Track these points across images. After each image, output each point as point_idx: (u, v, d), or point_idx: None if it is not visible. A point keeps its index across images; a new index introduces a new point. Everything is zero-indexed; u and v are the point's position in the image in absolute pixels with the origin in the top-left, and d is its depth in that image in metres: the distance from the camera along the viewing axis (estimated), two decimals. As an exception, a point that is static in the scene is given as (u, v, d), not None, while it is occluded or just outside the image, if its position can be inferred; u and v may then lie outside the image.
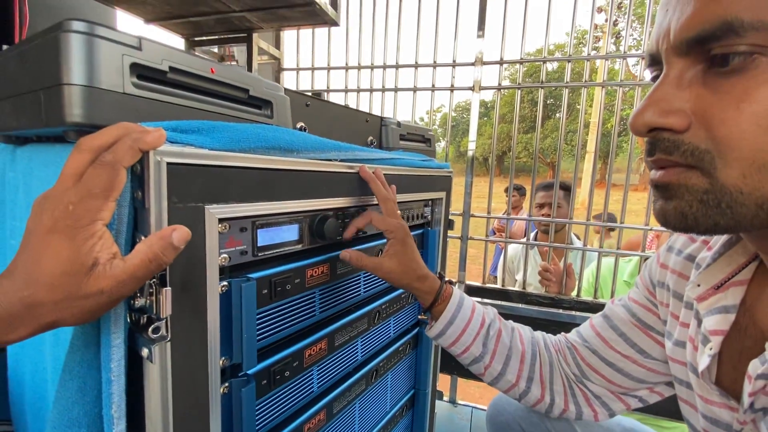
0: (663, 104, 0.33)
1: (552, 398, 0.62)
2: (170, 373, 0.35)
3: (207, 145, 0.36)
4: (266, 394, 0.48)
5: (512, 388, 0.62)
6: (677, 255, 0.51)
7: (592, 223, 1.28)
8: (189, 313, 0.36)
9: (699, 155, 0.32)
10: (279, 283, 0.48)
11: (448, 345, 0.62)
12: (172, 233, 0.30)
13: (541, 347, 0.64)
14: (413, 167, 0.73)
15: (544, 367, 0.63)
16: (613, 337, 0.58)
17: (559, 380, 0.62)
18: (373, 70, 1.47)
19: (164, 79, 0.36)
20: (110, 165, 0.29)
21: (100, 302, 0.29)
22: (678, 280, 0.50)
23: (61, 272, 0.28)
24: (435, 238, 0.84)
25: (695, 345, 0.44)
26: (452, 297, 0.62)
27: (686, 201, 0.33)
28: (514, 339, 0.63)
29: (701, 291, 0.43)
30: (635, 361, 0.56)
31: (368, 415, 0.72)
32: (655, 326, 0.55)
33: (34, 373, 0.50)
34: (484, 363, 0.62)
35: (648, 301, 0.56)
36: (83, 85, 0.30)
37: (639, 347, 0.56)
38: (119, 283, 0.29)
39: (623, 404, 0.61)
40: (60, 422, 0.35)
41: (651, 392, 0.59)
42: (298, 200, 0.47)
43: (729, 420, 0.40)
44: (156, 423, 0.35)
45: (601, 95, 1.27)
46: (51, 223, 0.28)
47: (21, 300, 0.28)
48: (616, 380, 0.58)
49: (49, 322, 0.29)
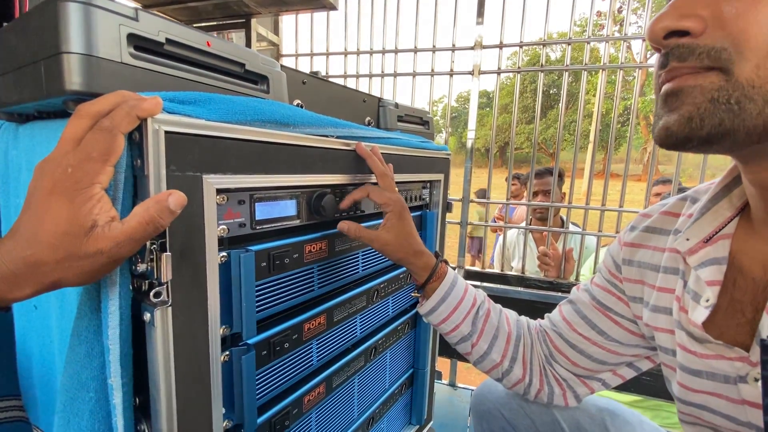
0: (682, 9, 0.35)
1: (530, 379, 0.64)
2: (172, 338, 0.36)
3: (204, 116, 0.36)
4: (266, 364, 0.49)
5: (496, 367, 0.64)
6: (643, 231, 0.54)
7: (590, 207, 1.29)
8: (189, 281, 0.37)
9: (716, 54, 0.33)
10: (277, 256, 0.49)
11: (438, 322, 0.63)
12: (168, 197, 0.31)
13: (525, 330, 0.66)
14: (411, 147, 0.73)
15: (526, 348, 0.65)
16: (576, 320, 0.60)
17: (537, 361, 0.65)
18: (372, 56, 1.47)
19: (161, 50, 0.37)
20: (108, 130, 0.30)
21: (99, 262, 0.30)
22: (653, 254, 0.52)
23: (62, 232, 0.29)
24: (433, 220, 0.84)
25: (682, 305, 0.45)
26: (446, 276, 0.63)
27: (695, 103, 0.34)
28: (501, 320, 0.65)
29: (691, 245, 0.44)
30: (595, 343, 0.58)
31: (367, 391, 0.73)
32: (614, 307, 0.57)
33: (41, 346, 0.52)
34: (472, 341, 0.63)
35: (609, 284, 0.58)
36: (81, 54, 0.31)
37: (599, 328, 0.58)
38: (117, 244, 0.30)
39: (587, 388, 0.63)
40: (71, 385, 0.36)
41: (614, 375, 0.62)
42: (294, 174, 0.47)
43: (729, 370, 0.40)
44: (159, 388, 0.36)
45: (601, 78, 1.26)
46: (51, 185, 0.29)
47: (24, 259, 0.29)
48: (579, 362, 0.61)
49: (52, 281, 0.30)
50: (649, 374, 1.22)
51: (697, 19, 0.34)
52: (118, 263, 0.32)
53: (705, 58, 0.34)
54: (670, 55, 0.36)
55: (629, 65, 1.20)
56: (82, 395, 0.36)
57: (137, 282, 0.36)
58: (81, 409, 0.36)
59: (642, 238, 0.54)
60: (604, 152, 13.14)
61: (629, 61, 1.22)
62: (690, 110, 0.34)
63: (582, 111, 1.30)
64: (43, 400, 0.52)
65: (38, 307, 0.50)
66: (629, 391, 1.23)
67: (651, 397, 1.22)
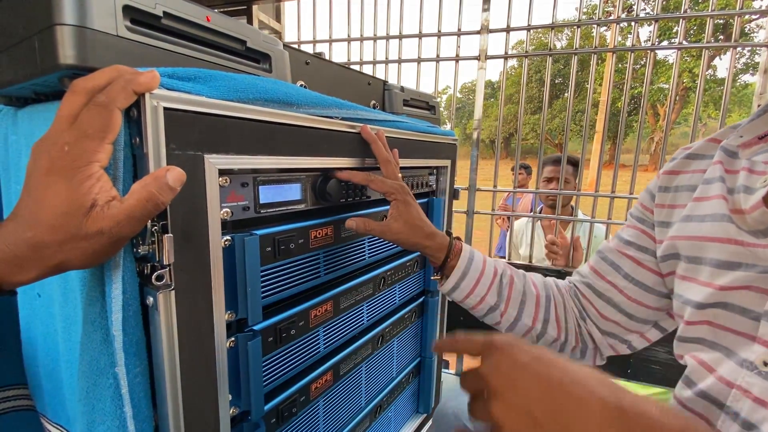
0: None
1: (566, 337, 0.63)
2: (176, 323, 0.35)
3: (205, 93, 0.35)
4: (273, 351, 0.48)
5: (529, 331, 0.63)
6: (684, 158, 0.53)
7: (600, 194, 1.26)
8: (193, 265, 0.36)
9: None
10: (282, 241, 0.48)
11: (462, 298, 0.62)
12: (167, 173, 0.30)
13: (554, 290, 0.65)
14: (418, 132, 0.72)
15: (558, 307, 0.63)
16: (604, 267, 0.59)
17: (571, 318, 0.63)
18: (376, 42, 1.44)
19: (158, 24, 0.35)
20: (104, 106, 0.29)
21: (101, 243, 0.29)
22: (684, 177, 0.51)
23: (61, 213, 0.28)
24: (440, 206, 0.83)
25: (729, 199, 0.43)
26: (463, 251, 0.62)
27: None
28: (527, 284, 0.64)
29: (745, 140, 0.44)
30: (621, 290, 0.57)
31: (375, 379, 0.72)
32: (638, 242, 0.55)
33: (45, 334, 0.51)
34: (500, 310, 0.62)
35: (638, 221, 0.57)
36: (75, 25, 0.30)
37: (624, 272, 0.57)
38: (118, 224, 0.29)
39: (612, 350, 0.62)
40: (90, 372, 0.36)
41: (641, 337, 0.60)
42: (298, 156, 0.46)
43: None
44: (164, 374, 0.35)
45: (611, 62, 1.23)
46: (48, 164, 0.28)
47: (26, 241, 0.28)
48: (608, 314, 0.59)
49: (55, 263, 0.29)
50: (659, 363, 1.21)
51: None
52: (120, 244, 0.31)
53: None
54: None
55: (640, 47, 1.16)
56: (102, 381, 0.36)
57: (140, 265, 0.35)
58: (102, 395, 0.36)
59: (682, 164, 0.52)
60: (610, 142, 13.00)
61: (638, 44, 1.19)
62: None
63: (591, 98, 1.26)
64: (49, 388, 0.51)
65: (42, 295, 0.50)
66: (639, 380, 1.22)
67: (662, 386, 1.20)
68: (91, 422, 0.36)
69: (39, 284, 0.50)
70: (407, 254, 0.78)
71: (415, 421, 0.89)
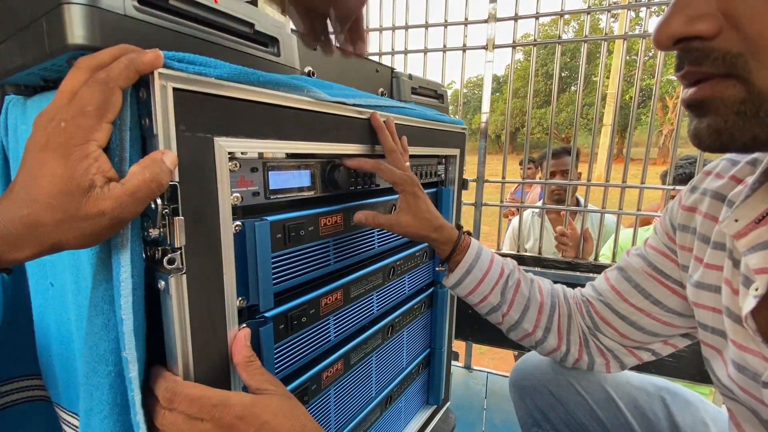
0: (689, 10, 0.30)
1: (567, 348, 0.62)
2: (188, 307, 0.35)
3: (213, 74, 0.35)
4: (284, 338, 0.48)
5: (528, 336, 0.62)
6: (703, 194, 0.48)
7: (610, 185, 1.24)
8: (204, 249, 0.36)
9: (731, 60, 0.30)
10: (292, 228, 0.47)
11: (465, 294, 0.62)
12: (162, 156, 0.30)
13: (560, 299, 0.63)
14: (426, 119, 0.71)
15: (562, 318, 0.62)
16: (627, 288, 0.56)
17: (576, 332, 0.62)
18: (382, 33, 1.43)
19: (166, 5, 0.35)
20: (104, 83, 0.28)
21: (101, 224, 0.29)
22: (704, 222, 0.47)
23: (58, 191, 0.27)
24: (449, 196, 0.82)
25: (734, 288, 0.41)
26: (470, 247, 0.61)
27: (721, 116, 0.31)
28: (533, 290, 0.62)
29: (740, 227, 0.39)
30: (650, 314, 0.54)
31: (385, 369, 0.72)
32: (672, 274, 0.53)
33: (59, 323, 0.51)
34: (502, 311, 0.61)
35: (666, 247, 0.54)
36: (83, 4, 0.29)
37: (654, 298, 0.54)
38: (120, 204, 0.28)
39: (635, 358, 0.60)
40: (91, 357, 0.36)
41: (665, 344, 0.58)
42: (307, 141, 0.45)
43: (759, 369, 0.37)
44: (176, 359, 0.35)
45: (622, 51, 1.21)
46: (44, 140, 0.28)
47: (21, 219, 0.28)
48: (628, 334, 0.57)
49: (51, 243, 0.29)
50: (672, 355, 1.19)
51: (710, 20, 0.30)
52: (119, 226, 0.31)
53: (720, 65, 0.30)
54: (685, 57, 0.32)
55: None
56: (101, 368, 0.35)
57: (151, 249, 0.34)
58: (101, 383, 0.35)
59: (700, 201, 0.49)
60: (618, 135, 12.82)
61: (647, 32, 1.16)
62: (717, 123, 0.31)
63: (600, 90, 1.24)
64: (63, 377, 0.52)
65: (54, 285, 0.50)
66: (650, 372, 1.21)
67: (675, 379, 1.19)
68: (89, 410, 0.36)
69: (52, 274, 0.50)
70: (416, 245, 0.77)
71: (426, 412, 0.89)
